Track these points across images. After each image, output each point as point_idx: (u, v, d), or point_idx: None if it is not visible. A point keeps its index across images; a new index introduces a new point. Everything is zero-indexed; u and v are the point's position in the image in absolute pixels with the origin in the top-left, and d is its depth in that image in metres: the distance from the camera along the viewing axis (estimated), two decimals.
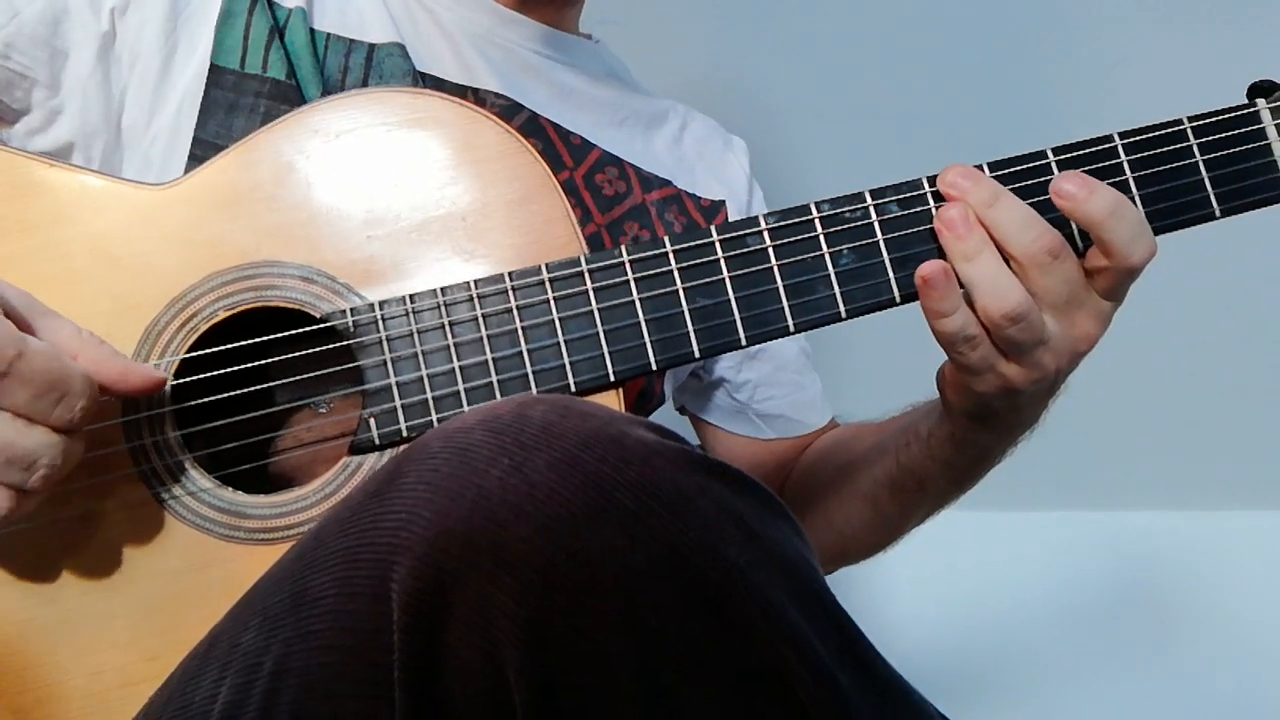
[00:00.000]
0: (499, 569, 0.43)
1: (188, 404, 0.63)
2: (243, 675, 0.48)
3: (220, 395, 0.63)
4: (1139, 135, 0.68)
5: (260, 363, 0.64)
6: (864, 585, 1.54)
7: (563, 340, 0.64)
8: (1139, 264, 0.64)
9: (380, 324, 0.64)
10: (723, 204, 0.96)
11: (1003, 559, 1.65)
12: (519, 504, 0.44)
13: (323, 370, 0.64)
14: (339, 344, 0.64)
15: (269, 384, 0.65)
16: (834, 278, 0.66)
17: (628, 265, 0.65)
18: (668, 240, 0.65)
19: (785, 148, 1.40)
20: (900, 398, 0.85)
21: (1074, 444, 1.31)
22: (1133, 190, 0.67)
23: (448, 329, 0.64)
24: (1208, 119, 0.69)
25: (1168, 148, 0.68)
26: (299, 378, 0.66)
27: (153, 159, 0.77)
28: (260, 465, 0.66)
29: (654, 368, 0.65)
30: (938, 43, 1.49)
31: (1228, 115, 0.69)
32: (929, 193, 0.67)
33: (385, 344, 0.64)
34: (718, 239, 0.66)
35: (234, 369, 0.63)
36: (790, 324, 0.66)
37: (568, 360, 0.64)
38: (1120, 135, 0.68)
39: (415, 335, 0.64)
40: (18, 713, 0.60)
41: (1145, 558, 1.67)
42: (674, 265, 0.65)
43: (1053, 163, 0.67)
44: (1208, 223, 0.69)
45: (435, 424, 0.63)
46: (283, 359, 0.65)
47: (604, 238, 0.86)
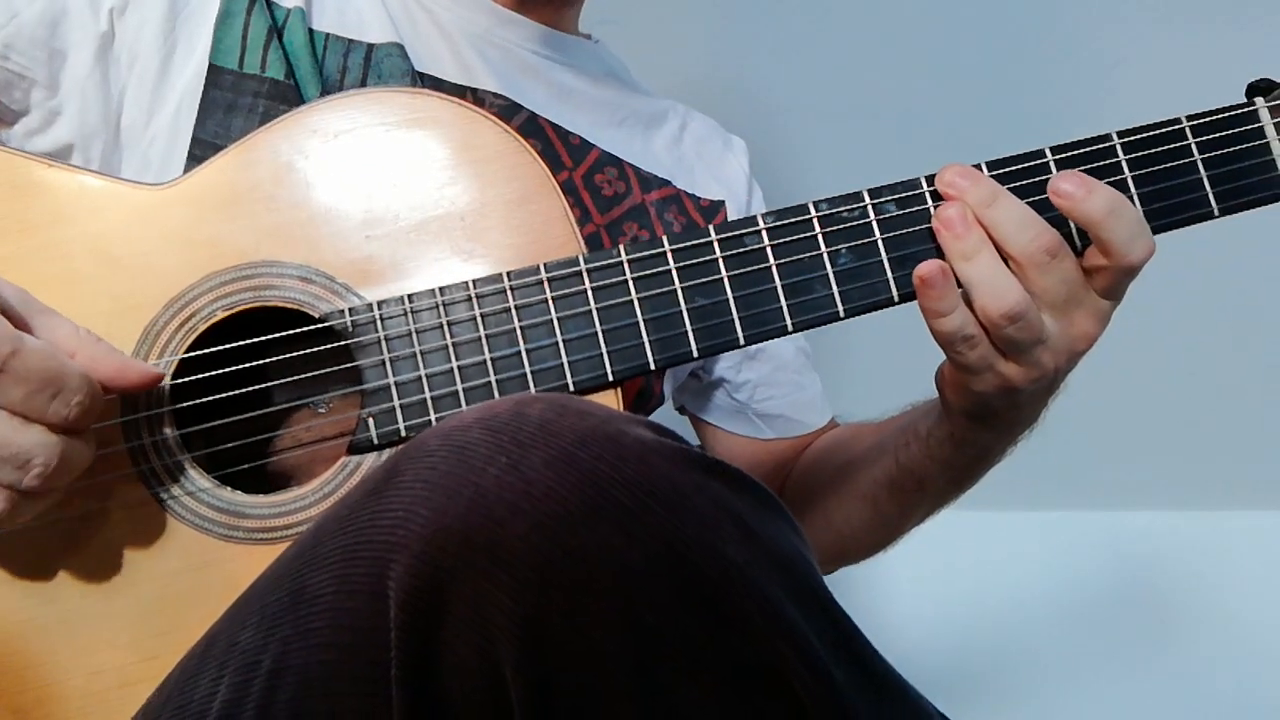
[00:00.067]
0: (496, 567, 0.43)
1: (187, 404, 0.63)
2: (241, 674, 0.48)
3: (219, 395, 0.63)
4: (1137, 134, 0.68)
5: (259, 363, 0.64)
6: (864, 585, 1.54)
7: (561, 340, 0.64)
8: (1137, 263, 0.64)
9: (379, 324, 0.64)
10: (722, 204, 0.96)
11: (1003, 559, 1.65)
12: (516, 502, 0.44)
13: (321, 370, 0.64)
14: (337, 344, 0.64)
15: (268, 384, 0.65)
16: (832, 277, 0.66)
17: (626, 265, 0.65)
18: (666, 240, 0.65)
19: (785, 148, 1.40)
20: (900, 397, 0.85)
21: (1074, 444, 1.31)
22: (1131, 189, 0.67)
23: (446, 329, 0.64)
24: (1206, 118, 0.69)
25: (1166, 147, 0.68)
26: (298, 378, 0.66)
27: (151, 159, 0.77)
28: (259, 465, 0.66)
29: (652, 367, 0.65)
30: (938, 43, 1.49)
31: (1226, 114, 0.69)
32: (927, 192, 0.67)
33: (383, 344, 0.64)
34: (716, 239, 0.66)
35: (233, 369, 0.63)
36: (788, 323, 0.66)
37: (566, 360, 0.64)
38: (1118, 134, 0.68)
39: (413, 335, 0.64)
40: (17, 712, 0.60)
41: (1145, 558, 1.67)
42: (672, 265, 0.65)
43: (1051, 162, 0.67)
44: (1206, 222, 0.69)
45: (434, 424, 0.63)
46: (281, 359, 0.65)
47: (603, 238, 0.86)
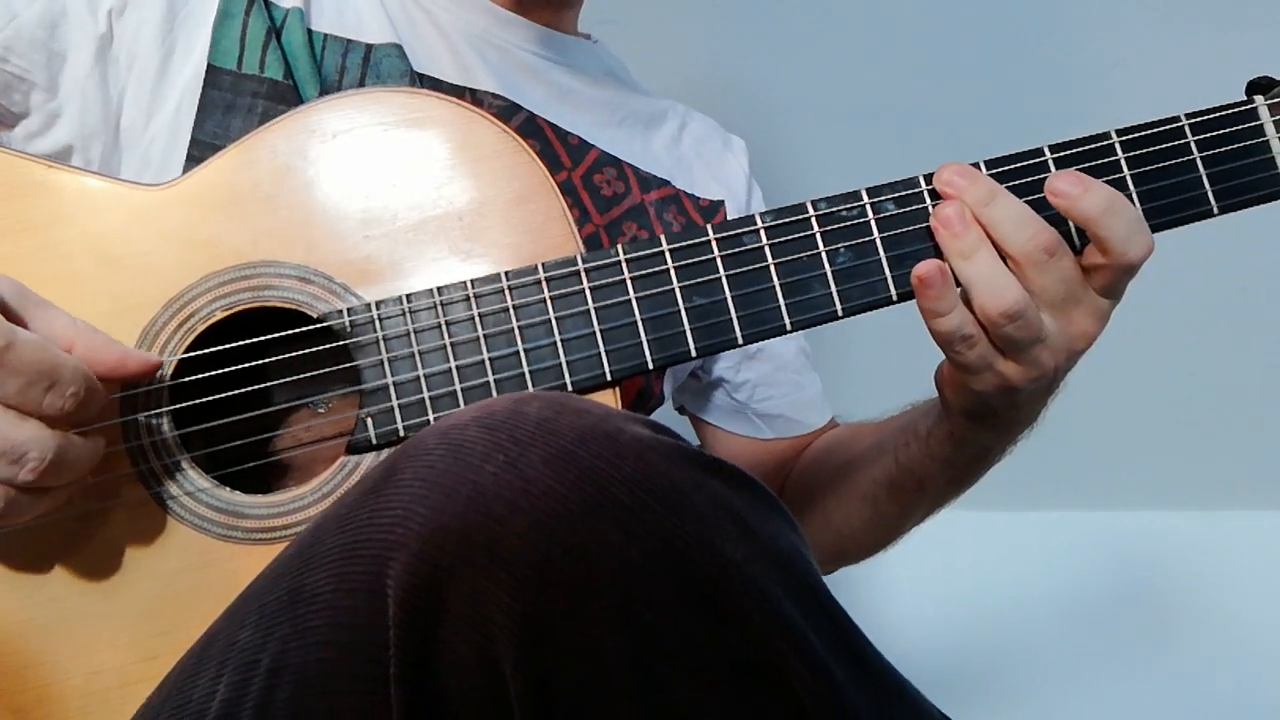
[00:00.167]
0: (494, 564, 0.43)
1: (186, 404, 0.63)
2: (240, 673, 0.48)
3: (218, 395, 0.63)
4: (1136, 133, 0.68)
5: (258, 363, 0.64)
6: (864, 585, 1.54)
7: (559, 340, 0.64)
8: (1136, 261, 0.64)
9: (377, 324, 0.64)
10: (721, 204, 0.96)
11: (1002, 559, 1.65)
12: (514, 500, 0.44)
13: (320, 370, 0.64)
14: (336, 344, 0.64)
15: (266, 384, 0.65)
16: (830, 276, 0.66)
17: (624, 264, 0.65)
18: (664, 239, 0.65)
19: (785, 148, 1.40)
20: (900, 397, 0.85)
21: (1074, 444, 1.31)
22: (1130, 188, 0.67)
23: (444, 329, 0.64)
24: (1205, 116, 0.68)
25: (1165, 145, 0.68)
26: (296, 378, 0.66)
27: (151, 160, 0.77)
28: (258, 465, 0.66)
29: (650, 367, 0.65)
30: (937, 43, 1.49)
31: (1225, 112, 0.69)
32: (925, 191, 0.67)
33: (382, 344, 0.64)
34: (714, 238, 0.66)
35: (231, 369, 0.63)
36: (787, 323, 0.66)
37: (564, 360, 0.64)
38: (1117, 133, 0.68)
39: (412, 335, 0.64)
40: (17, 712, 0.60)
41: (1145, 558, 1.67)
42: (670, 264, 0.65)
43: (1050, 161, 0.67)
44: (1206, 220, 0.69)
45: (432, 423, 0.63)
46: (280, 359, 0.65)
47: (602, 238, 0.86)
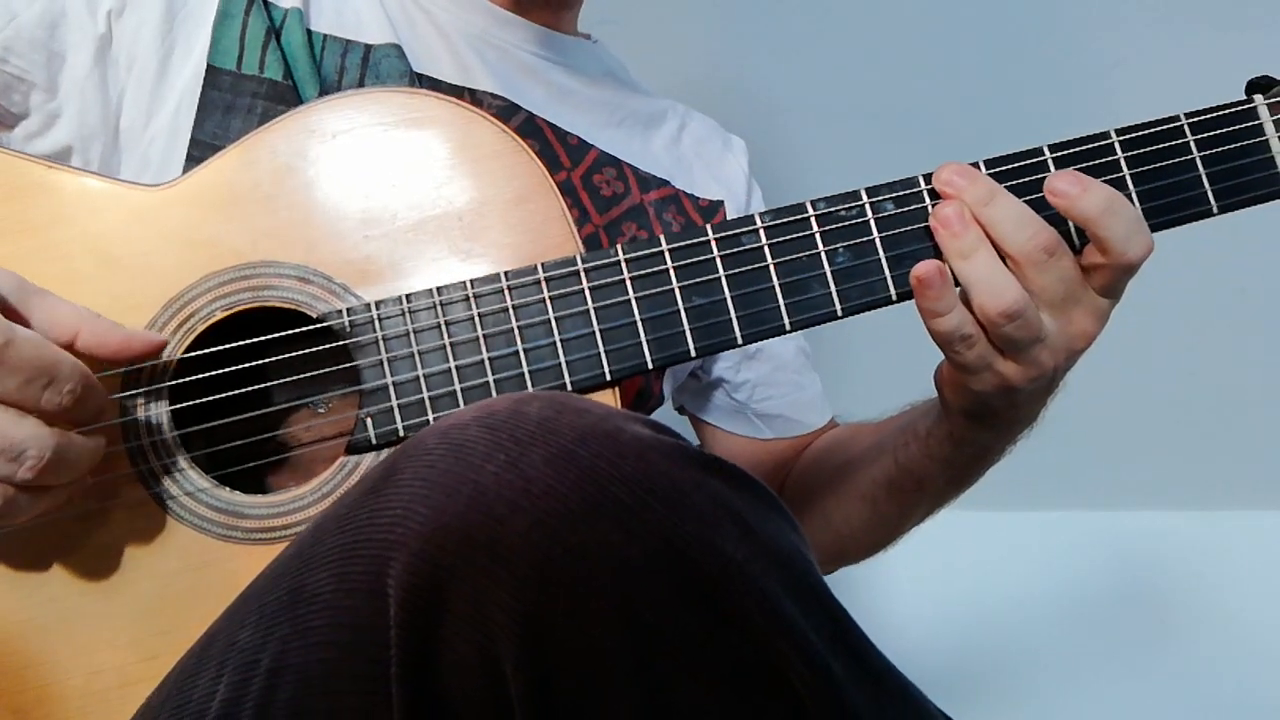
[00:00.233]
0: (495, 564, 0.43)
1: (186, 404, 0.63)
2: (240, 673, 0.48)
3: (218, 395, 0.63)
4: (1135, 132, 0.68)
5: (257, 363, 0.64)
6: (864, 585, 1.54)
7: (559, 340, 0.64)
8: (1135, 260, 0.64)
9: (377, 324, 0.64)
10: (721, 204, 0.96)
11: (1002, 559, 1.65)
12: (515, 499, 0.43)
13: (320, 370, 0.64)
14: (336, 344, 0.64)
15: (266, 384, 0.65)
16: (830, 276, 0.66)
17: (623, 264, 0.65)
18: (663, 239, 0.65)
19: (785, 148, 1.40)
20: (899, 397, 0.85)
21: (1074, 444, 1.31)
22: (1129, 187, 0.67)
23: (444, 329, 0.64)
24: (1205, 115, 0.68)
25: (1164, 144, 0.68)
26: (296, 378, 0.66)
27: (151, 160, 0.77)
28: (258, 465, 0.66)
29: (650, 367, 0.65)
30: (937, 43, 1.49)
31: (1225, 111, 0.69)
32: (925, 191, 0.67)
33: (381, 344, 0.64)
34: (713, 238, 0.66)
35: (231, 369, 0.63)
36: (786, 322, 0.66)
37: (564, 360, 0.64)
38: (1117, 132, 0.68)
39: (411, 335, 0.64)
40: (17, 712, 0.60)
41: (1145, 558, 1.67)
42: (669, 264, 0.65)
43: (1049, 160, 0.67)
44: (1205, 219, 0.68)
45: (431, 423, 0.63)
46: (280, 359, 0.65)
47: (602, 238, 0.86)
